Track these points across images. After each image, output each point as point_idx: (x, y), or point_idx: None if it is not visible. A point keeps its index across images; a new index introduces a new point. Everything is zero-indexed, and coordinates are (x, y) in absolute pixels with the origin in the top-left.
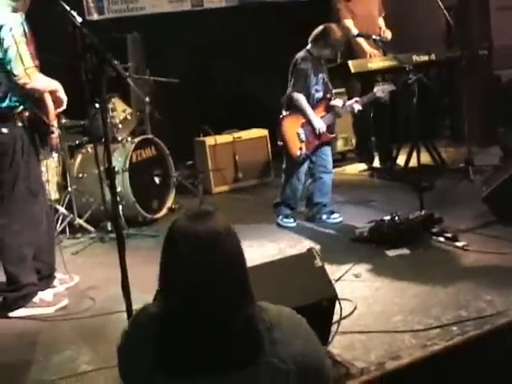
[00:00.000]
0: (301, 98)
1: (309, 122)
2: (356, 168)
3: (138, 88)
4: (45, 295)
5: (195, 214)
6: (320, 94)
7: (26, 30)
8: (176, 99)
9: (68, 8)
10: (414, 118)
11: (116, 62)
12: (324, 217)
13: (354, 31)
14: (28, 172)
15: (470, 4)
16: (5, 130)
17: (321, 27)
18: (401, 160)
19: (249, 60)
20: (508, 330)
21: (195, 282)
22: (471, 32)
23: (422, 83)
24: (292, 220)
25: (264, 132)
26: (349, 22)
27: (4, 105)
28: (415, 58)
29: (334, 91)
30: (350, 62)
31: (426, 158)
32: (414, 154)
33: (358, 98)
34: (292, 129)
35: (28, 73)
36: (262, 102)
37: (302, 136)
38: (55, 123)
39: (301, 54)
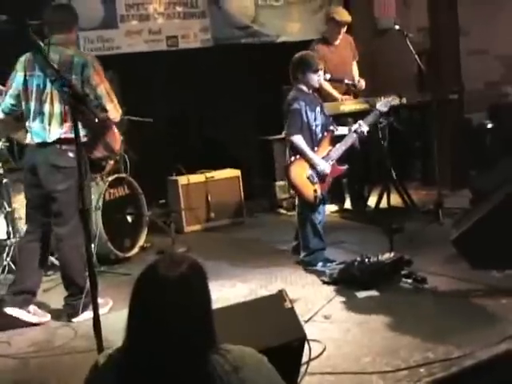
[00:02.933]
0: (299, 140)
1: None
2: (327, 209)
3: None
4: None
5: (167, 260)
6: (320, 128)
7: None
8: (150, 138)
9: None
10: (384, 161)
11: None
12: (320, 264)
13: (327, 76)
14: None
15: (441, 48)
16: (71, 155)
17: (293, 60)
18: (372, 202)
19: (223, 100)
20: (474, 372)
21: (158, 326)
22: (442, 76)
23: (392, 126)
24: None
25: (237, 172)
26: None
27: (71, 135)
28: None
29: None
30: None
31: (396, 200)
32: (385, 196)
33: (360, 121)
34: (301, 173)
35: (117, 108)
36: (236, 142)
37: (314, 178)
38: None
39: (291, 93)
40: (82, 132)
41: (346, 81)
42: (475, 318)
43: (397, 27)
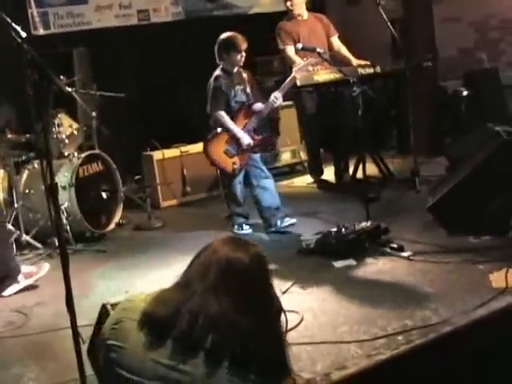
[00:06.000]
0: (222, 115)
1: (234, 137)
2: (304, 180)
3: (84, 103)
4: None
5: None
6: (239, 105)
7: None
8: (123, 114)
9: (10, 21)
10: (359, 130)
11: (61, 77)
12: (278, 222)
13: (299, 45)
14: None
15: (414, 16)
16: None
17: (218, 40)
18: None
19: (196, 73)
20: (452, 338)
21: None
22: (416, 44)
23: (367, 95)
24: (247, 227)
25: None
26: (289, 49)
27: None
28: (360, 70)
29: (283, 103)
30: (296, 76)
31: (373, 169)
32: (361, 166)
33: (276, 92)
34: (218, 149)
35: None
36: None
37: (231, 151)
38: None
39: (214, 73)
40: None
41: (318, 49)
42: (452, 285)
43: None
